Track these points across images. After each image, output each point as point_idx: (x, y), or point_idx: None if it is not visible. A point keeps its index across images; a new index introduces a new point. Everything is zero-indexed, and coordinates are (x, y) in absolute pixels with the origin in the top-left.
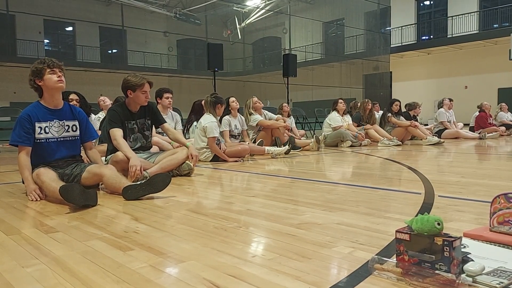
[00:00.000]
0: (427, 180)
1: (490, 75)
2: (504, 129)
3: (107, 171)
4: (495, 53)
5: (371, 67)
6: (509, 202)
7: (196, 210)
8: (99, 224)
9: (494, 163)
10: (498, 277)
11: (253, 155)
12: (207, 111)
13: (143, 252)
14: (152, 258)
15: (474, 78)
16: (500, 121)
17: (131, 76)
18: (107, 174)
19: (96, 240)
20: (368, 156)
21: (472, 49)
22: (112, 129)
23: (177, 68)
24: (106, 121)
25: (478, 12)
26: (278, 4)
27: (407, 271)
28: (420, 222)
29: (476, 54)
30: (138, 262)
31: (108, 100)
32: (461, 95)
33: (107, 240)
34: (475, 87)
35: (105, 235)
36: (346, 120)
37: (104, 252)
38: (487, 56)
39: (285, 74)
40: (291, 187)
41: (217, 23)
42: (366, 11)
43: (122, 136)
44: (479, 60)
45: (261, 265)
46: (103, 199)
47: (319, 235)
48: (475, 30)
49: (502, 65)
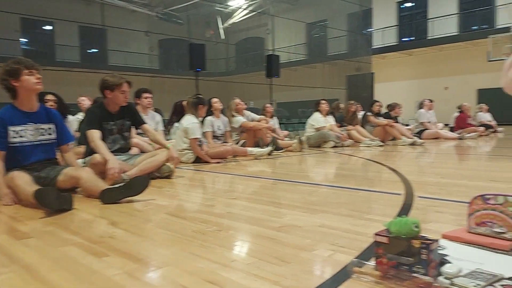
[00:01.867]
0: (407, 181)
1: (470, 76)
2: (483, 129)
3: (84, 174)
4: (475, 54)
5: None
6: (486, 203)
7: (175, 213)
8: (75, 229)
9: (473, 163)
10: (476, 279)
11: (236, 156)
12: (189, 112)
13: (119, 258)
14: (128, 264)
15: (454, 79)
16: (479, 122)
17: (109, 76)
18: (84, 177)
19: (70, 246)
20: (350, 157)
21: (452, 51)
22: (89, 130)
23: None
24: (84, 122)
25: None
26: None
27: (386, 274)
28: (398, 225)
29: (456, 55)
30: (113, 268)
31: (87, 100)
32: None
33: (82, 246)
34: (455, 88)
35: (80, 240)
36: (328, 121)
37: (78, 258)
38: (466, 57)
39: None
40: (273, 189)
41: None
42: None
43: (100, 138)
44: (458, 61)
45: (239, 270)
46: (79, 203)
47: (299, 238)
48: (455, 32)
49: (481, 67)
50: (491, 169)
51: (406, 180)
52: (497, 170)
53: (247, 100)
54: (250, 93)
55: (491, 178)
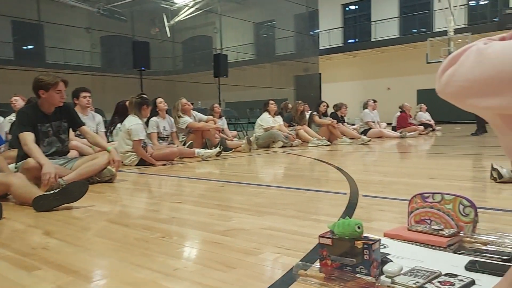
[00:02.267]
0: (353, 179)
1: (410, 77)
2: (422, 128)
3: (15, 180)
4: (415, 56)
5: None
6: (425, 201)
7: (117, 220)
8: (3, 241)
9: (414, 161)
10: (415, 277)
11: (183, 158)
12: (132, 112)
13: (52, 271)
14: (62, 278)
15: (395, 80)
16: (419, 121)
17: (43, 75)
18: (15, 184)
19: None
20: (298, 157)
21: (394, 53)
22: (22, 133)
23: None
24: (15, 124)
25: (399, 17)
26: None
27: (330, 275)
28: (341, 226)
29: (397, 57)
30: (45, 283)
31: (21, 100)
32: (384, 96)
33: (10, 259)
34: (396, 89)
35: (8, 253)
36: (277, 121)
37: (6, 273)
38: (407, 59)
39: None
40: (220, 191)
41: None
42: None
43: (34, 141)
44: (400, 63)
45: (183, 278)
46: (10, 211)
47: (245, 242)
48: (396, 34)
49: (421, 68)
50: (430, 167)
51: (352, 179)
52: (436, 167)
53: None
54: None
55: (430, 175)
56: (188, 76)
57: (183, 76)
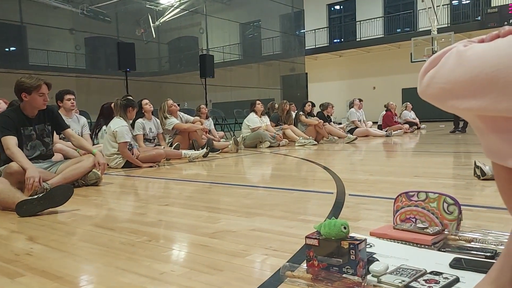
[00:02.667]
0: (339, 179)
1: (395, 77)
2: (407, 126)
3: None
4: (399, 56)
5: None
6: (410, 200)
7: (102, 224)
8: None
9: (399, 160)
10: (401, 276)
11: (170, 159)
12: (117, 114)
13: (36, 277)
14: (46, 284)
15: (381, 80)
16: (404, 119)
17: (25, 78)
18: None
19: None
20: (286, 157)
21: (379, 52)
22: (4, 137)
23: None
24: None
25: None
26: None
27: (317, 276)
28: (327, 226)
29: (382, 57)
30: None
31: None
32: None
33: None
34: (382, 88)
35: None
36: (264, 121)
37: None
38: (392, 58)
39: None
40: (208, 193)
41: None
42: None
43: (17, 144)
44: (385, 62)
45: (169, 282)
46: None
47: (232, 244)
48: (381, 34)
49: (406, 67)
50: (415, 165)
51: (338, 179)
52: (420, 166)
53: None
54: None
55: (415, 173)
56: (174, 77)
57: (169, 77)
